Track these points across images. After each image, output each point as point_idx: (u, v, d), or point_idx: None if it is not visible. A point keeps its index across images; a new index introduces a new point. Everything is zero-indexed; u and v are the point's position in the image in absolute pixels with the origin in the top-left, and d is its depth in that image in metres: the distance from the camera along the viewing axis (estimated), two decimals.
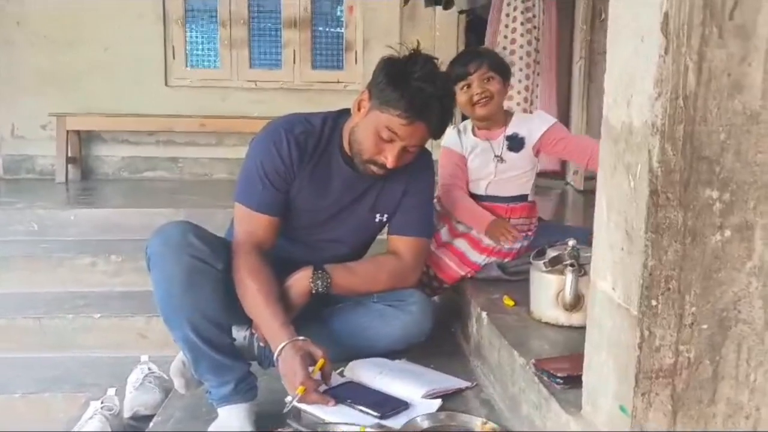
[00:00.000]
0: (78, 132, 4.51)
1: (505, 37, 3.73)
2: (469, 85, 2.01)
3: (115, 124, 4.52)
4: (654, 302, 0.94)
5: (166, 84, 4.70)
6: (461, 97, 2.01)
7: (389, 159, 1.65)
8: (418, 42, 1.68)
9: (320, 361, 1.52)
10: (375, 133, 1.64)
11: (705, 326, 0.96)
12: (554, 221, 2.94)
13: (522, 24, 3.64)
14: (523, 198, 2.13)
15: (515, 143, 2.08)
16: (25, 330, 2.63)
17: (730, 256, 0.95)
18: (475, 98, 2.01)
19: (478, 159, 2.11)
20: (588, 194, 3.89)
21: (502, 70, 2.06)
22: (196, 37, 4.83)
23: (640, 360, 0.95)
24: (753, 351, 0.97)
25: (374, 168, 1.69)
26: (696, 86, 0.92)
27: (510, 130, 2.09)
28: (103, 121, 4.49)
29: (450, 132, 2.13)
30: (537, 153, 2.11)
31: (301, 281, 1.71)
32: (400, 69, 1.62)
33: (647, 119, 0.94)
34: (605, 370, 1.05)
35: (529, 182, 2.13)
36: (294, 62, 4.80)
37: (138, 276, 2.95)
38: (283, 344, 1.52)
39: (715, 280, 0.95)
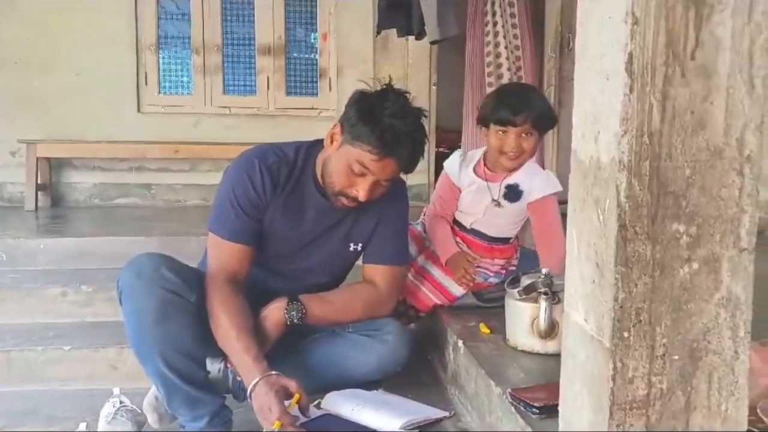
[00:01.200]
0: (48, 159, 4.45)
1: (488, 64, 3.77)
2: (505, 132, 1.93)
3: (87, 151, 4.46)
4: (626, 334, 0.96)
5: (138, 110, 4.67)
6: (493, 138, 1.95)
7: (361, 193, 1.66)
8: (390, 78, 1.71)
9: (296, 396, 1.51)
10: (347, 167, 1.65)
11: (676, 357, 0.97)
12: (532, 248, 2.95)
13: (506, 48, 3.69)
14: (505, 240, 2.11)
15: (513, 194, 2.01)
16: None
17: (699, 288, 0.97)
18: (505, 149, 1.94)
19: (471, 195, 2.06)
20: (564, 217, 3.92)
21: (544, 125, 1.98)
22: (169, 63, 4.82)
23: (614, 392, 0.96)
24: (723, 381, 0.99)
25: (346, 200, 1.70)
26: (660, 124, 0.95)
27: (512, 179, 2.01)
28: (74, 147, 4.44)
29: (455, 158, 2.11)
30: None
31: (275, 312, 1.71)
32: (372, 104, 1.64)
33: (614, 155, 0.96)
34: (579, 401, 1.06)
35: (516, 229, 2.12)
36: (268, 88, 4.81)
37: (109, 306, 2.90)
38: (256, 380, 1.51)
39: (685, 312, 0.97)
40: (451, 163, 2.12)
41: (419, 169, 1.89)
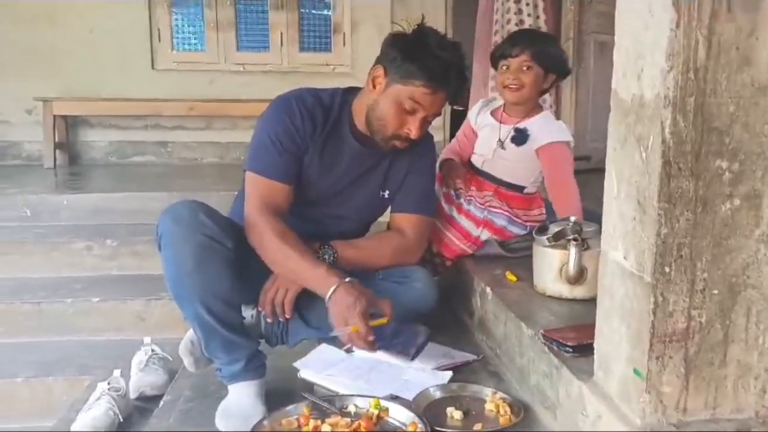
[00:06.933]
0: (65, 117, 4.46)
1: (497, 22, 3.72)
2: (507, 67, 2.03)
3: (103, 109, 4.47)
4: (667, 269, 0.98)
5: (152, 67, 4.65)
6: (499, 76, 2.07)
7: (413, 130, 1.69)
8: (423, 16, 1.71)
9: (385, 319, 1.53)
10: (397, 107, 1.67)
11: (716, 291, 1.00)
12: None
13: (516, 2, 3.64)
14: (517, 188, 2.13)
15: (520, 137, 2.07)
16: (23, 314, 2.61)
17: (740, 224, 0.99)
18: (506, 82, 2.02)
19: (484, 136, 2.16)
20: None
21: (546, 62, 2.01)
22: (182, 19, 4.78)
23: (654, 325, 0.99)
24: (761, 315, 1.01)
25: (398, 142, 1.73)
26: (706, 59, 0.95)
27: (523, 124, 2.08)
28: (90, 105, 4.44)
29: (479, 103, 2.25)
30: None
31: None
32: (414, 42, 1.66)
33: (659, 92, 0.97)
34: (617, 336, 1.09)
35: (527, 177, 2.13)
36: (281, 45, 4.77)
37: (134, 260, 2.96)
38: (336, 284, 1.53)
39: (725, 247, 0.99)
40: (474, 108, 2.25)
41: (435, 125, 1.89)
